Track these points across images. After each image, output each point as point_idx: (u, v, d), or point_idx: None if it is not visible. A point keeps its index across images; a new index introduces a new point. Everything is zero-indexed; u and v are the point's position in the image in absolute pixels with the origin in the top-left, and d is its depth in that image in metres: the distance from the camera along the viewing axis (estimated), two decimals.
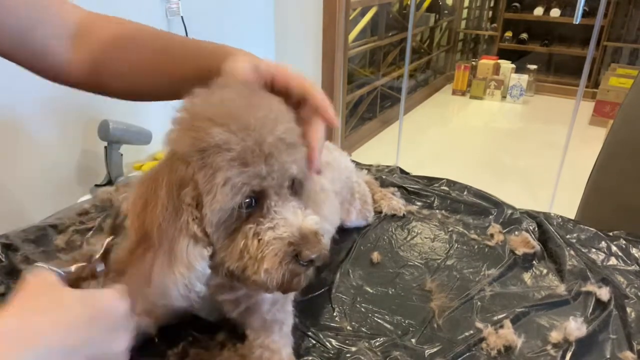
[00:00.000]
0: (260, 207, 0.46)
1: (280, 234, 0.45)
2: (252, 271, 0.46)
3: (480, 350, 0.60)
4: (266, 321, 0.56)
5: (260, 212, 0.46)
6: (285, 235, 0.45)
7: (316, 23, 2.68)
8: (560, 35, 4.82)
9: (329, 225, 0.76)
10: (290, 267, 0.45)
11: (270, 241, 0.45)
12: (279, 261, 0.45)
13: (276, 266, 0.45)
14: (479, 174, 2.91)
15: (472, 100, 4.51)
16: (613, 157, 1.12)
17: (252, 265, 0.45)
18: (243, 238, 0.46)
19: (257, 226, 0.45)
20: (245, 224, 0.46)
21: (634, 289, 0.71)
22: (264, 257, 0.45)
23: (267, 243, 0.45)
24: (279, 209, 0.46)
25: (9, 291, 0.66)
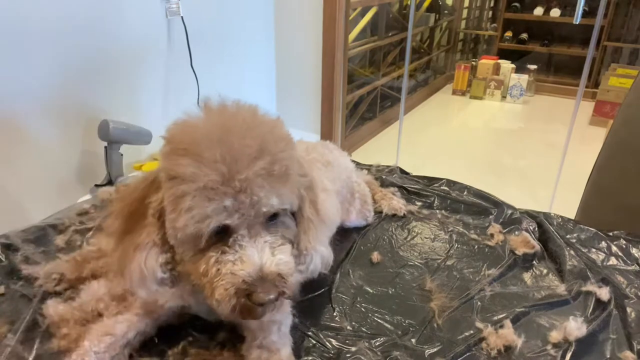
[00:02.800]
0: (228, 236, 0.46)
1: (237, 270, 0.45)
2: (207, 294, 0.47)
3: (480, 350, 0.60)
4: (263, 322, 0.56)
5: (226, 242, 0.46)
6: (242, 273, 0.45)
7: (316, 23, 2.68)
8: (560, 35, 4.81)
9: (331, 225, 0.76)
10: (242, 302, 0.45)
11: (226, 274, 0.45)
12: (230, 295, 0.45)
13: (226, 299, 0.45)
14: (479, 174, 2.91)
15: (472, 100, 4.50)
16: (613, 157, 1.11)
17: (208, 289, 0.47)
18: (204, 263, 0.47)
19: (219, 255, 0.46)
20: (209, 250, 0.47)
21: (634, 289, 0.71)
22: (217, 287, 0.46)
23: (223, 275, 0.46)
24: (245, 244, 0.46)
25: (8, 291, 0.66)
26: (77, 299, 0.62)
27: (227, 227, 0.46)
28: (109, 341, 0.54)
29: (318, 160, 0.76)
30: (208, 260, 0.46)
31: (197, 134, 0.46)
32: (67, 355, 0.54)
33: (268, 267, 0.46)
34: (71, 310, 0.60)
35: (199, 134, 0.46)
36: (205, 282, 0.46)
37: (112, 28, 1.62)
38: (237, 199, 0.44)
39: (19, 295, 0.65)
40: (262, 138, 0.47)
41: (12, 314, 0.62)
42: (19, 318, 0.61)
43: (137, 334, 0.57)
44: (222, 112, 0.48)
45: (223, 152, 0.44)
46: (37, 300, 0.64)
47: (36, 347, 0.57)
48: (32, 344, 0.57)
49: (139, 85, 1.80)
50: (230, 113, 0.48)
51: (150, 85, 1.83)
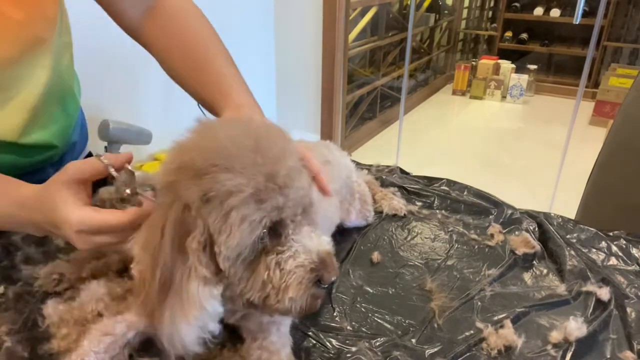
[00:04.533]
0: (277, 236, 0.46)
1: (302, 261, 0.46)
2: (275, 300, 0.46)
3: (481, 350, 0.60)
4: (263, 323, 0.56)
5: (278, 242, 0.46)
6: (307, 262, 0.46)
7: (316, 23, 2.68)
8: (560, 35, 4.82)
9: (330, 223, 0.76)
10: (312, 291, 0.46)
11: (292, 270, 0.46)
12: (304, 288, 0.46)
13: (301, 293, 0.45)
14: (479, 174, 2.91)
15: (472, 100, 4.51)
16: (613, 157, 1.12)
17: (275, 294, 0.46)
18: (265, 269, 0.46)
19: (277, 256, 0.46)
20: (265, 255, 0.46)
21: (634, 289, 0.71)
22: (288, 286, 0.45)
23: (289, 272, 0.45)
24: (296, 236, 0.47)
25: (8, 291, 0.66)
26: (77, 299, 0.62)
27: (276, 226, 0.46)
28: (108, 341, 0.54)
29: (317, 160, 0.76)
30: (268, 265, 0.46)
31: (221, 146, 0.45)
32: (67, 355, 0.54)
33: (322, 249, 0.47)
34: (71, 310, 0.60)
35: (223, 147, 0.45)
36: (270, 289, 0.46)
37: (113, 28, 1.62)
38: (283, 194, 0.45)
39: (19, 295, 0.65)
40: (281, 136, 0.48)
41: (12, 314, 0.62)
42: (19, 318, 0.61)
43: (137, 334, 0.57)
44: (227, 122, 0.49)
45: (256, 156, 0.45)
46: (37, 300, 0.64)
47: (36, 347, 0.56)
48: (32, 344, 0.57)
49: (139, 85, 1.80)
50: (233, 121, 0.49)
51: (151, 85, 1.82)
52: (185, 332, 0.45)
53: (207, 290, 0.46)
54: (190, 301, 0.45)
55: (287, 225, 0.46)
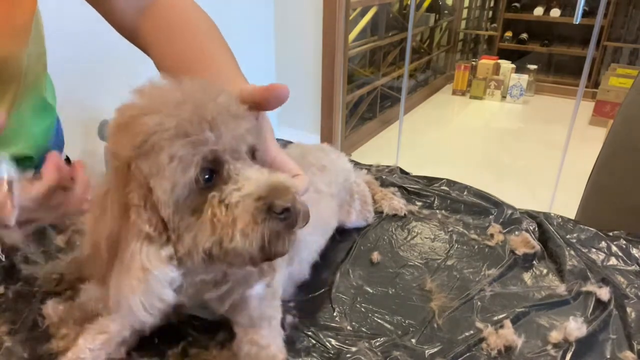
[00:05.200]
0: (220, 176, 0.43)
1: (247, 191, 0.42)
2: (228, 239, 0.42)
3: (481, 350, 0.60)
4: (254, 318, 0.56)
5: (221, 180, 0.43)
6: (253, 190, 0.42)
7: (316, 23, 2.68)
8: (560, 35, 4.82)
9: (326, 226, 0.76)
10: (268, 224, 0.41)
11: (238, 201, 0.42)
12: (253, 218, 0.41)
13: (251, 225, 0.41)
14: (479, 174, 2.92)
15: (472, 100, 4.51)
16: (613, 157, 1.11)
17: (227, 233, 0.42)
18: (209, 207, 0.42)
19: (221, 192, 0.42)
20: (207, 194, 0.43)
21: (634, 289, 0.71)
22: (236, 219, 0.41)
23: (235, 204, 0.42)
24: (240, 171, 0.43)
25: (8, 291, 0.66)
26: (77, 299, 0.62)
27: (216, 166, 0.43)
28: (103, 339, 0.54)
29: (313, 164, 0.75)
30: (211, 202, 0.42)
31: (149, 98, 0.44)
32: (63, 354, 0.54)
33: (274, 178, 0.43)
34: (70, 310, 0.60)
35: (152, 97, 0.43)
36: (219, 229, 0.42)
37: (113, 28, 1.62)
38: (214, 131, 0.42)
39: (19, 295, 0.65)
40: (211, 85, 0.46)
41: (12, 314, 0.62)
42: (19, 318, 0.61)
43: (133, 332, 0.57)
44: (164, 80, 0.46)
45: (184, 97, 0.43)
46: (37, 300, 0.64)
47: (36, 347, 0.57)
48: (32, 344, 0.57)
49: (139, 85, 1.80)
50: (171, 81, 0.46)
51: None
52: (131, 298, 0.42)
53: (153, 251, 0.43)
54: (133, 264, 0.42)
55: (228, 161, 0.43)
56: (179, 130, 0.41)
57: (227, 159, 0.43)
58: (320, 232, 0.73)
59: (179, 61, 0.67)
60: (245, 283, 0.56)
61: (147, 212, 0.43)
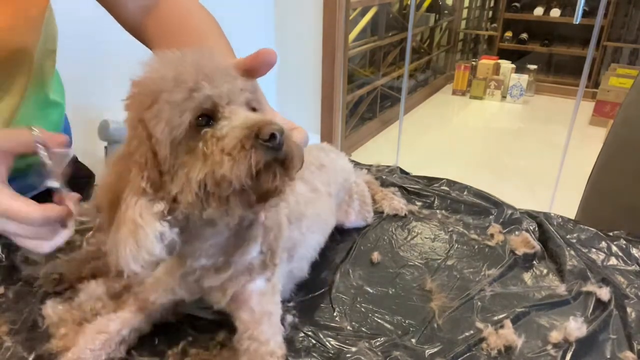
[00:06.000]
0: (215, 120, 0.45)
1: (236, 123, 0.44)
2: (218, 168, 0.42)
3: (481, 350, 0.60)
4: (255, 313, 0.56)
5: (216, 123, 0.45)
6: (241, 122, 0.44)
7: (316, 23, 2.68)
8: (560, 35, 4.82)
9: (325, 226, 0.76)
10: (256, 151, 0.42)
11: (227, 134, 0.43)
12: (240, 144, 0.42)
13: (238, 149, 0.42)
14: (479, 174, 2.92)
15: (472, 100, 4.51)
16: (613, 157, 1.11)
17: (217, 162, 0.43)
18: (203, 143, 0.44)
19: (213, 129, 0.44)
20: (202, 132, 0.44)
21: (634, 289, 0.71)
22: (225, 146, 0.43)
23: (225, 135, 0.43)
24: (234, 112, 0.45)
25: (8, 291, 0.66)
26: (76, 299, 0.62)
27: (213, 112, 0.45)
28: (103, 339, 0.54)
29: (312, 164, 0.76)
30: (204, 138, 0.44)
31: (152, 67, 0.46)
32: (62, 353, 0.54)
33: (263, 117, 0.45)
34: (70, 310, 0.60)
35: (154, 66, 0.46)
36: (210, 160, 0.43)
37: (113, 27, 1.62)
38: (211, 83, 0.44)
39: (19, 295, 0.65)
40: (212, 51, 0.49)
41: (12, 314, 0.62)
42: (18, 318, 0.61)
43: (132, 330, 0.57)
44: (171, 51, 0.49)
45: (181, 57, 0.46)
46: (37, 300, 0.64)
47: (36, 347, 0.57)
48: (32, 344, 0.57)
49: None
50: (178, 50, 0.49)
51: None
52: (121, 247, 0.44)
53: (145, 205, 0.44)
54: (126, 216, 0.44)
55: (222, 107, 0.45)
56: (177, 80, 0.44)
57: (222, 104, 0.45)
58: (319, 230, 0.73)
59: None
60: (248, 273, 0.56)
61: (146, 167, 0.45)
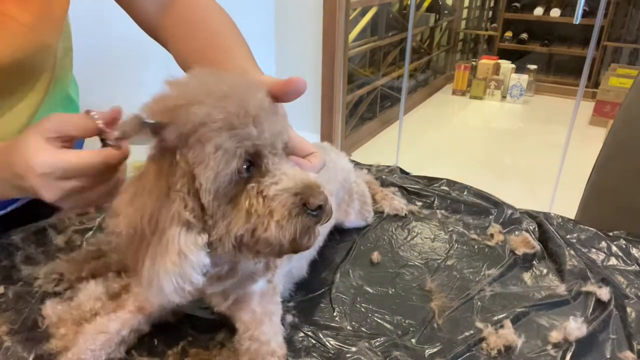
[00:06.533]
0: (258, 168, 0.46)
1: (284, 186, 0.45)
2: (262, 229, 0.44)
3: (480, 350, 0.60)
4: (256, 313, 0.56)
5: (259, 173, 0.46)
6: (290, 186, 0.45)
7: (316, 23, 2.68)
8: (560, 35, 4.82)
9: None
10: (301, 219, 0.44)
11: (276, 194, 0.44)
12: (289, 212, 0.44)
13: (286, 217, 0.44)
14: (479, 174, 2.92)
15: (472, 100, 4.51)
16: (613, 157, 1.11)
17: (262, 223, 0.44)
18: (247, 198, 0.45)
19: (259, 184, 0.45)
20: (246, 186, 0.45)
21: (634, 289, 0.71)
22: (273, 211, 0.44)
23: (272, 197, 0.44)
24: (277, 166, 0.46)
25: (8, 291, 0.66)
26: (75, 299, 0.62)
27: (255, 159, 0.45)
28: (103, 339, 0.54)
29: None
30: (249, 193, 0.45)
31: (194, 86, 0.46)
32: (63, 354, 0.54)
33: (307, 177, 0.46)
34: (69, 310, 0.60)
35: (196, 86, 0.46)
36: (255, 218, 0.44)
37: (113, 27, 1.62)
38: (257, 126, 0.44)
39: (19, 295, 0.65)
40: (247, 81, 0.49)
41: (12, 314, 0.62)
42: (18, 318, 0.61)
43: (131, 331, 0.57)
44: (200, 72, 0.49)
45: (227, 92, 0.45)
46: (36, 300, 0.64)
47: (36, 347, 0.56)
48: (32, 345, 0.57)
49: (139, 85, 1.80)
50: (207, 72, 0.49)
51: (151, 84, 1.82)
52: (164, 278, 0.44)
53: (191, 237, 0.45)
54: (170, 247, 0.44)
55: (266, 156, 0.46)
56: (226, 123, 0.43)
57: (266, 153, 0.46)
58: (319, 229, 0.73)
59: (200, 57, 0.68)
60: (251, 279, 0.56)
61: (189, 199, 0.45)
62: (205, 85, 0.46)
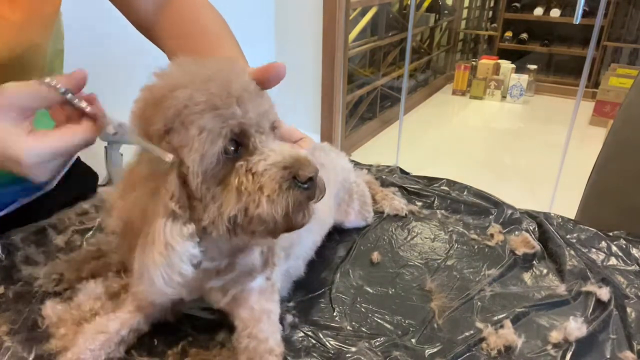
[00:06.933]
0: (245, 148, 0.46)
1: (273, 161, 0.45)
2: (254, 206, 0.44)
3: (481, 351, 0.60)
4: (254, 311, 0.56)
5: (247, 152, 0.46)
6: (278, 160, 0.45)
7: (316, 23, 2.68)
8: (560, 35, 4.82)
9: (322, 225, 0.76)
10: (292, 192, 0.44)
11: (265, 170, 0.44)
12: (279, 185, 0.44)
13: (277, 191, 0.44)
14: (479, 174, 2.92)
15: (472, 100, 4.51)
16: (613, 157, 1.11)
17: (253, 200, 0.44)
18: (236, 177, 0.45)
19: (247, 162, 0.45)
20: (234, 165, 0.45)
21: (634, 289, 0.71)
22: (263, 186, 0.44)
23: (262, 173, 0.44)
24: (265, 143, 0.46)
25: (8, 291, 0.66)
26: (75, 299, 0.62)
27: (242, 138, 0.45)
28: (103, 339, 0.54)
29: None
30: (238, 172, 0.45)
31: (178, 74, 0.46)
32: (62, 353, 0.54)
33: (296, 152, 0.46)
34: (69, 310, 0.60)
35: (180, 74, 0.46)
36: (246, 196, 0.44)
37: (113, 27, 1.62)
38: (241, 106, 0.44)
39: (19, 295, 0.65)
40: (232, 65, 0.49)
41: (12, 314, 0.62)
42: (18, 318, 0.61)
43: (131, 331, 0.57)
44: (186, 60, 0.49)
45: (210, 75, 0.45)
46: (37, 300, 0.64)
47: (36, 347, 0.56)
48: (32, 344, 0.57)
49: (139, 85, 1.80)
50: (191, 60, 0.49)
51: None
52: (153, 270, 0.44)
53: (176, 228, 0.45)
54: (156, 238, 0.44)
55: (253, 135, 0.45)
56: (208, 104, 0.43)
57: (252, 132, 0.46)
58: (316, 229, 0.73)
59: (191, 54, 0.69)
60: (249, 275, 0.56)
61: (175, 188, 0.45)
62: (189, 72, 0.46)
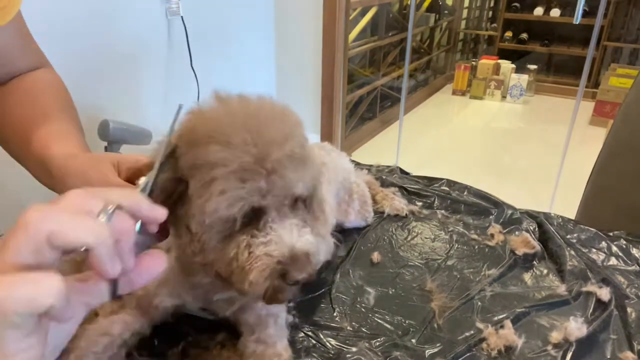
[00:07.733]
0: (257, 219, 0.46)
1: (271, 250, 0.45)
2: (238, 280, 0.46)
3: (481, 351, 0.60)
4: (261, 316, 0.56)
5: (256, 225, 0.46)
6: (276, 253, 0.45)
7: (316, 23, 2.68)
8: (560, 35, 4.82)
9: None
10: (275, 283, 0.45)
11: (260, 256, 0.45)
12: (265, 277, 0.45)
13: (261, 281, 0.45)
14: (479, 174, 2.92)
15: (472, 100, 4.51)
16: (613, 157, 1.11)
17: (239, 274, 0.46)
18: (235, 247, 0.46)
19: (250, 238, 0.46)
20: (239, 234, 0.46)
21: (634, 289, 0.71)
22: (251, 270, 0.45)
23: (256, 257, 0.45)
24: (275, 225, 0.46)
25: None
26: None
27: (257, 210, 0.45)
28: (106, 341, 0.54)
29: None
30: (239, 244, 0.45)
31: (221, 121, 0.45)
32: (65, 356, 0.54)
33: (299, 246, 0.46)
34: None
35: (224, 121, 0.45)
36: (235, 267, 0.46)
37: (113, 28, 1.62)
38: (269, 180, 0.44)
39: None
40: (284, 122, 0.47)
41: None
42: None
43: (133, 334, 0.57)
44: (239, 100, 0.48)
45: (252, 136, 0.44)
46: None
47: None
48: None
49: (139, 85, 1.80)
50: (247, 101, 0.48)
51: (151, 85, 1.83)
52: None
53: None
54: None
55: (269, 212, 0.46)
56: (237, 173, 0.43)
57: (269, 210, 0.46)
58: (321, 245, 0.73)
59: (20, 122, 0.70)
60: None
61: None
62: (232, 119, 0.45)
